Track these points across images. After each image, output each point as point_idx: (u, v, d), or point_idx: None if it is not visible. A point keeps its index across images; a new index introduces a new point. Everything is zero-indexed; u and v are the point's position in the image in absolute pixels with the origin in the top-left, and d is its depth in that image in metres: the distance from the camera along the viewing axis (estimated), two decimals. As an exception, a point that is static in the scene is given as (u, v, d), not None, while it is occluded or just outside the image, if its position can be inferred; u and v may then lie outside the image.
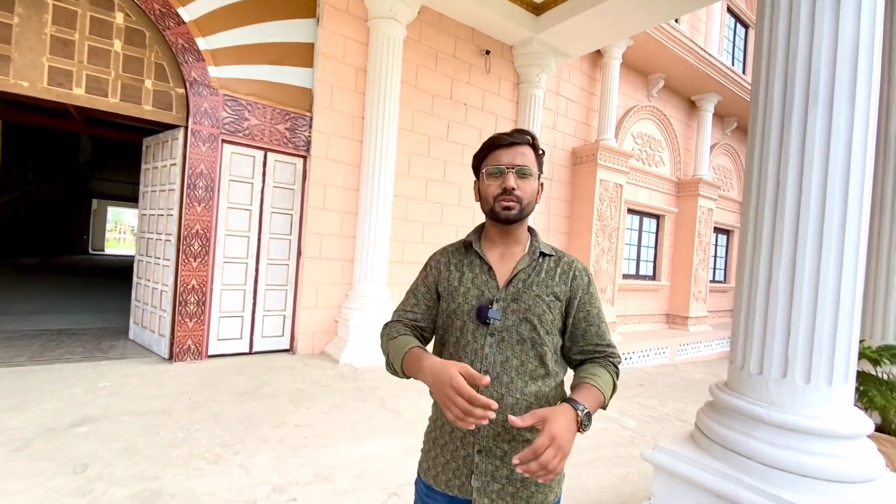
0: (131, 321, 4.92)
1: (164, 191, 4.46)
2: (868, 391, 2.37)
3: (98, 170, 17.78)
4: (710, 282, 9.88)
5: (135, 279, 4.93)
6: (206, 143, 4.22)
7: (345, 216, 5.06)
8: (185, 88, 4.15)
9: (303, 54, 4.77)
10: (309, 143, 4.83)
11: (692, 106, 9.28)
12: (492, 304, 1.05)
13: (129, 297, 5.05)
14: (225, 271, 4.50)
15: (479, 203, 1.13)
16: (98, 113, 4.09)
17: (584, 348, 1.08)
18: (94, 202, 19.42)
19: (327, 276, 4.99)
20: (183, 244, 4.18)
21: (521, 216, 1.06)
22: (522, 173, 1.05)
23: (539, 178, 1.10)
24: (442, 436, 1.10)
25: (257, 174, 4.63)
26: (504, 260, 1.10)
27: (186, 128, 4.19)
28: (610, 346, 1.08)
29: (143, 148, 4.86)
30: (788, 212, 1.79)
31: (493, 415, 0.84)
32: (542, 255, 1.11)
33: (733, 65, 9.88)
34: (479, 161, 1.12)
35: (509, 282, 1.06)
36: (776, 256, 1.81)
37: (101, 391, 3.33)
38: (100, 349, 4.45)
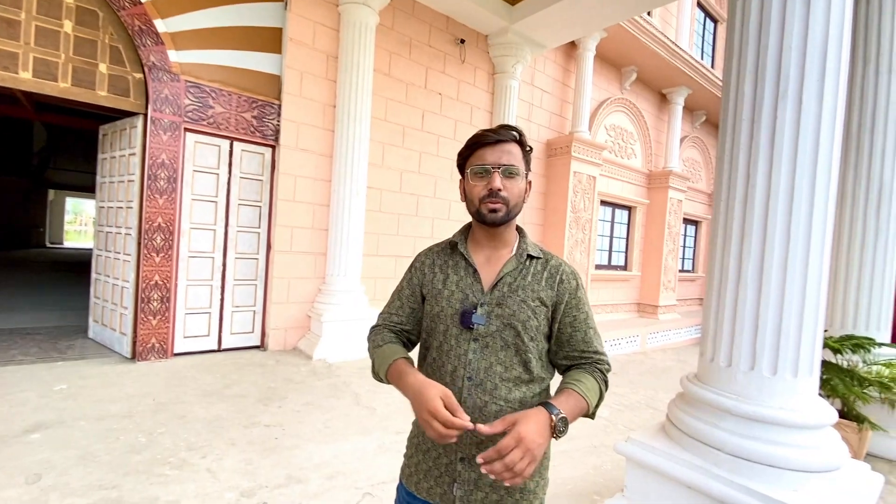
0: (90, 319, 4.68)
1: (123, 182, 4.23)
2: (830, 380, 2.46)
3: (54, 158, 16.82)
4: (679, 271, 10.15)
5: (94, 275, 4.68)
6: (167, 131, 4.01)
7: (316, 208, 4.93)
8: (144, 73, 3.92)
9: (270, 39, 4.58)
10: (278, 132, 4.66)
11: (663, 99, 9.44)
12: (476, 309, 1.01)
13: (88, 294, 4.80)
14: (190, 266, 4.32)
15: (464, 203, 1.07)
16: (48, 99, 3.83)
17: (570, 354, 1.05)
18: (51, 192, 18.42)
19: (299, 271, 4.86)
20: (144, 238, 3.98)
21: (508, 218, 1.02)
22: (509, 173, 1.00)
23: (527, 177, 1.06)
24: (424, 442, 1.07)
25: (223, 164, 4.45)
26: (490, 263, 1.06)
27: (146, 115, 3.97)
28: (598, 353, 1.03)
29: (100, 136, 4.59)
30: (758, 206, 1.81)
31: (469, 427, 0.85)
32: (530, 257, 1.07)
33: (703, 59, 10.08)
34: (463, 160, 1.07)
35: (494, 286, 1.03)
36: (745, 250, 1.83)
37: (56, 395, 3.15)
38: (56, 349, 4.22)
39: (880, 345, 2.98)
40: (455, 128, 6.04)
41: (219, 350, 4.51)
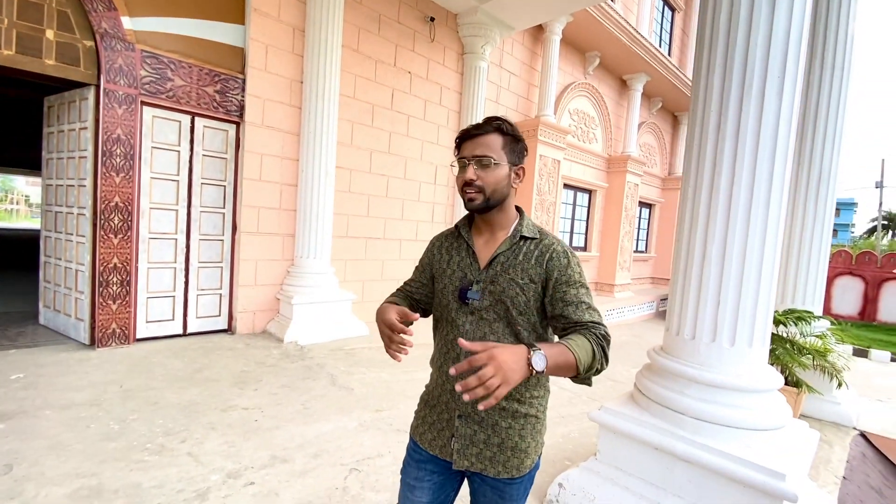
0: (41, 304, 4.40)
1: (74, 158, 3.94)
2: (775, 349, 2.73)
3: (-25, 129, 15.20)
4: (633, 252, 10.66)
5: (42, 258, 4.38)
6: (122, 104, 3.76)
7: (284, 188, 4.81)
8: (95, 41, 3.63)
9: (233, 9, 4.34)
10: (242, 108, 4.47)
11: (623, 85, 9.72)
12: (472, 286, 1.12)
13: (32, 278, 4.48)
14: (151, 248, 4.12)
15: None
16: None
17: (566, 326, 1.08)
18: (-27, 167, 16.70)
19: (266, 252, 4.75)
20: (101, 219, 3.76)
21: (488, 206, 1.10)
22: (481, 164, 1.08)
23: (513, 164, 1.12)
24: (432, 398, 1.20)
25: (184, 141, 4.23)
26: (488, 245, 1.16)
27: (98, 87, 3.69)
28: (593, 321, 1.04)
29: (45, 108, 4.23)
30: (723, 192, 1.96)
31: (410, 344, 1.06)
32: (524, 238, 1.13)
33: (660, 47, 10.42)
34: (456, 153, 1.17)
35: (489, 265, 1.12)
36: (710, 233, 1.99)
37: (13, 384, 2.98)
38: (6, 336, 3.95)
39: (817, 318, 3.33)
40: (424, 108, 6.00)
41: (184, 335, 4.37)
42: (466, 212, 1.22)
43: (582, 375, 0.96)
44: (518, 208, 1.20)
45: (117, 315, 3.89)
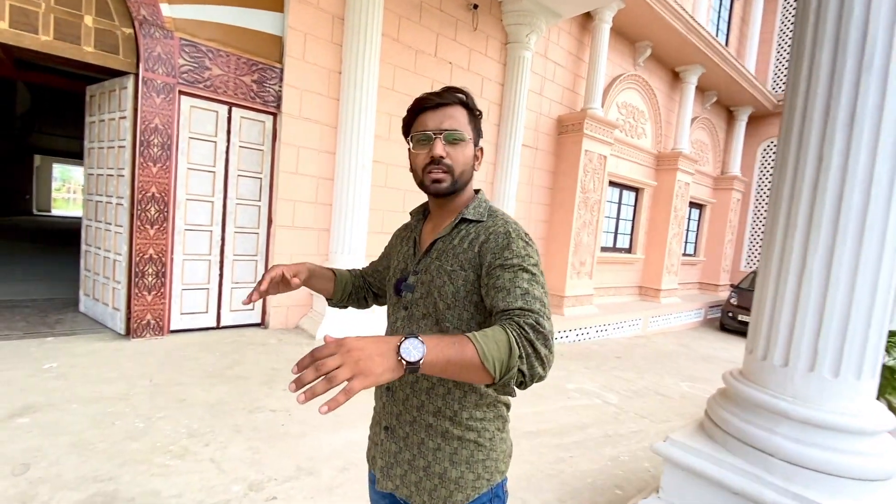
0: (81, 292, 4.47)
1: (114, 147, 3.94)
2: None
3: (39, 122, 16.16)
4: (682, 255, 10.05)
5: (83, 246, 4.44)
6: (160, 93, 3.72)
7: (320, 182, 4.68)
8: (134, 28, 3.59)
9: (272, -4, 4.23)
10: (279, 98, 4.37)
11: (676, 77, 9.13)
12: (408, 278, 0.99)
13: (79, 265, 4.56)
14: (187, 240, 4.09)
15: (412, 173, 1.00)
16: (30, 54, 3.51)
17: (498, 317, 0.81)
18: (37, 158, 17.81)
19: (301, 247, 4.65)
20: (137, 209, 3.73)
21: (454, 188, 0.95)
22: (452, 139, 0.92)
23: (477, 143, 0.99)
24: (373, 413, 1.07)
25: (221, 132, 4.17)
26: (434, 232, 1.01)
27: (137, 75, 3.66)
28: (522, 308, 0.78)
29: (87, 98, 4.27)
30: (830, 192, 1.62)
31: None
32: (465, 221, 0.96)
33: (717, 36, 9.73)
34: (407, 127, 0.99)
35: (425, 253, 0.98)
36: (813, 242, 1.66)
37: (46, 374, 2.97)
38: (45, 323, 4.02)
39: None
40: (464, 100, 5.75)
41: (218, 327, 4.33)
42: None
43: (496, 379, 0.70)
44: (476, 191, 1.03)
45: (152, 306, 3.87)
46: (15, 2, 3.21)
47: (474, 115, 0.97)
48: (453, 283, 0.90)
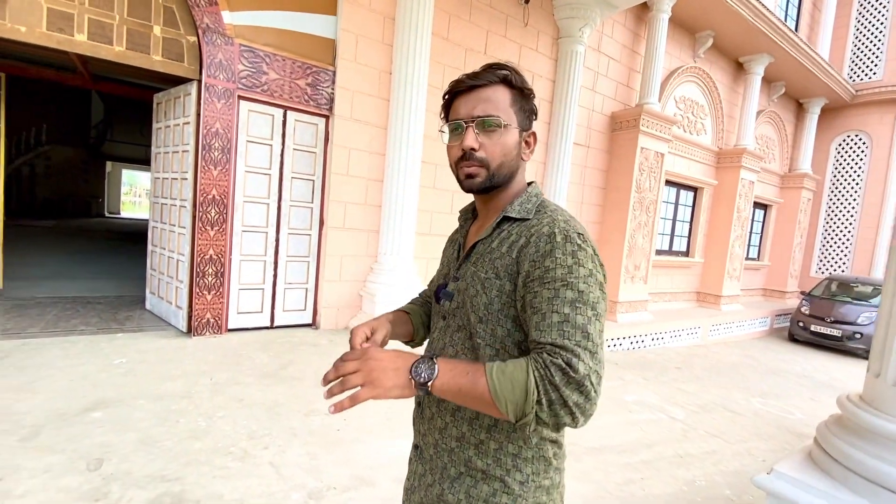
0: (147, 291, 4.68)
1: (178, 152, 4.10)
2: None
3: (110, 131, 17.44)
4: (744, 259, 9.39)
5: (150, 246, 4.65)
6: (221, 99, 3.82)
7: (370, 183, 4.68)
8: (198, 36, 3.71)
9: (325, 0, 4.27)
10: (332, 100, 4.39)
11: (739, 68, 8.53)
12: (448, 283, 0.88)
13: (145, 264, 4.79)
14: (244, 241, 4.18)
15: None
16: (104, 65, 3.71)
17: (531, 346, 0.69)
18: (109, 164, 19.19)
19: (351, 248, 4.66)
20: (199, 211, 3.85)
21: (492, 184, 0.80)
22: (485, 125, 0.78)
23: (527, 128, 0.83)
24: None
25: (276, 135, 4.24)
26: (479, 233, 0.88)
27: (199, 81, 3.78)
28: (555, 343, 0.65)
29: (154, 105, 4.47)
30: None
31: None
32: (507, 220, 0.82)
33: (786, 21, 9.02)
34: (444, 116, 0.86)
35: (467, 257, 0.85)
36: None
37: (115, 369, 3.09)
38: (116, 320, 4.23)
39: None
40: (515, 98, 5.60)
41: (271, 327, 4.41)
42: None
43: (510, 419, 0.64)
44: (529, 183, 0.88)
45: (211, 305, 3.99)
46: (93, 15, 3.39)
47: (522, 93, 0.81)
48: (486, 294, 0.77)
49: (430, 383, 0.63)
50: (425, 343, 1.00)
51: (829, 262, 10.88)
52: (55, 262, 7.11)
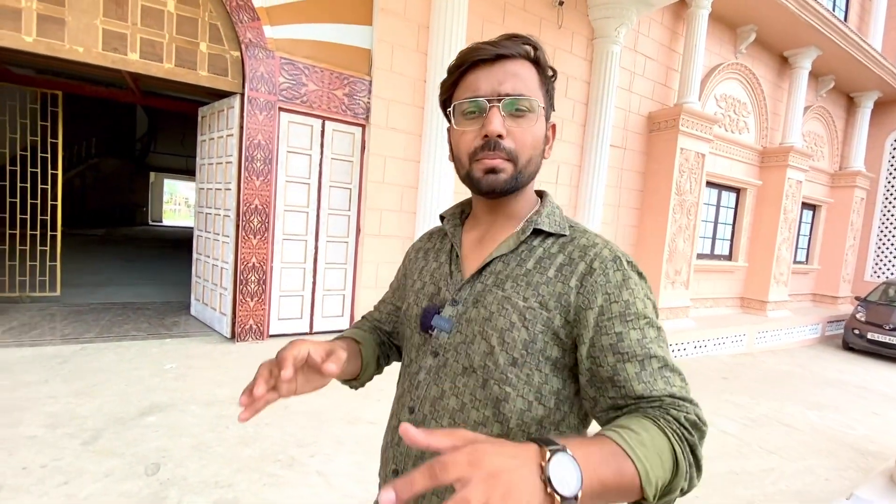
0: (192, 297, 4.85)
1: (222, 164, 4.23)
2: None
3: (154, 143, 18.31)
4: (792, 262, 8.94)
5: (195, 254, 4.82)
6: (262, 111, 3.93)
7: (405, 190, 4.70)
8: (241, 51, 3.83)
9: (361, 10, 4.33)
10: (368, 110, 4.45)
11: (784, 63, 8.16)
12: (442, 307, 0.68)
13: (188, 270, 4.98)
14: (284, 249, 4.27)
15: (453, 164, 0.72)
16: (154, 81, 3.88)
17: (618, 402, 0.56)
18: (152, 175, 20.14)
19: (387, 255, 4.69)
20: (242, 220, 3.96)
21: (517, 184, 0.66)
22: (517, 109, 0.63)
23: (548, 118, 0.68)
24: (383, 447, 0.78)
25: (315, 145, 4.32)
26: (483, 244, 0.71)
27: (242, 95, 3.90)
28: (674, 396, 0.54)
29: (199, 118, 4.64)
30: None
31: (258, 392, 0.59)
32: (539, 233, 0.68)
33: (834, 11, 8.57)
34: (448, 93, 0.70)
35: (478, 274, 0.67)
36: None
37: (167, 374, 3.20)
38: (164, 325, 4.40)
39: None
40: (549, 101, 5.52)
41: (310, 333, 4.48)
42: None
43: (650, 501, 0.46)
44: (539, 192, 0.75)
45: (254, 312, 4.09)
46: (144, 35, 3.55)
47: (546, 76, 0.67)
48: (528, 328, 0.60)
49: (577, 494, 0.39)
50: (370, 382, 0.80)
51: (884, 265, 10.22)
52: (108, 270, 7.49)
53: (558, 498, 0.38)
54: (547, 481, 0.39)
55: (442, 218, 0.79)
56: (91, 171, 17.04)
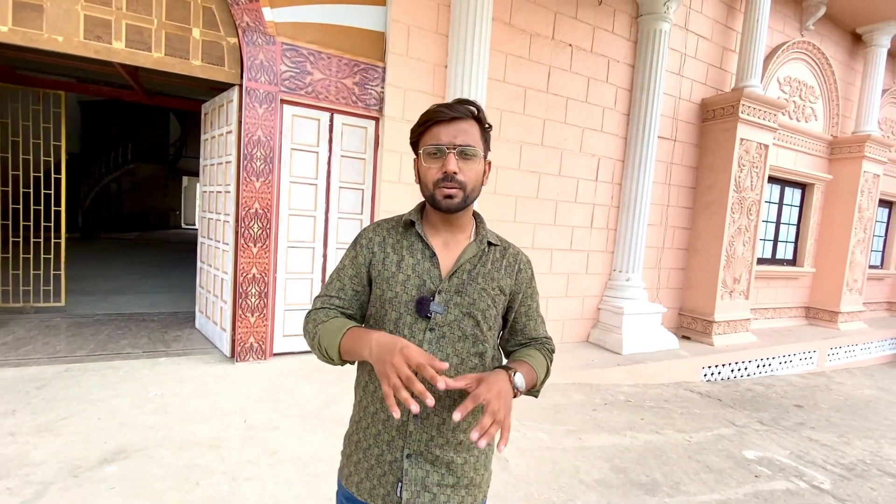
0: (197, 309, 4.50)
1: (221, 164, 3.84)
2: None
3: (185, 148, 18.60)
4: (867, 268, 7.88)
5: (199, 263, 4.47)
6: (262, 103, 3.50)
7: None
8: (238, 37, 3.41)
9: (374, -11, 3.85)
10: (381, 100, 3.96)
11: (857, 41, 7.18)
12: (434, 296, 0.93)
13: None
14: (289, 257, 3.84)
15: (418, 185, 0.98)
16: (157, 78, 3.54)
17: (521, 341, 1.07)
18: (185, 179, 20.52)
19: (404, 263, 4.19)
20: (241, 226, 3.55)
21: (465, 204, 0.94)
22: (465, 154, 0.91)
23: (485, 158, 0.97)
24: (365, 438, 0.97)
25: (322, 141, 3.87)
26: (448, 248, 0.99)
27: (241, 86, 3.48)
28: (546, 336, 1.09)
29: (202, 116, 4.29)
30: None
31: (429, 402, 0.74)
32: (490, 244, 1.02)
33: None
34: (416, 138, 0.97)
35: (454, 272, 0.96)
36: None
37: (148, 404, 2.80)
38: (163, 341, 4.05)
39: None
40: (587, 87, 4.89)
41: (319, 351, 4.03)
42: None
43: (535, 391, 1.00)
44: (475, 213, 1.06)
45: (255, 328, 3.66)
46: (130, 20, 3.18)
47: (484, 128, 0.96)
48: (496, 307, 0.98)
49: (522, 391, 0.91)
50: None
51: (976, 269, 8.93)
52: (127, 276, 7.34)
53: (518, 392, 0.90)
54: (514, 387, 0.89)
55: (410, 222, 1.00)
56: (127, 176, 17.45)
